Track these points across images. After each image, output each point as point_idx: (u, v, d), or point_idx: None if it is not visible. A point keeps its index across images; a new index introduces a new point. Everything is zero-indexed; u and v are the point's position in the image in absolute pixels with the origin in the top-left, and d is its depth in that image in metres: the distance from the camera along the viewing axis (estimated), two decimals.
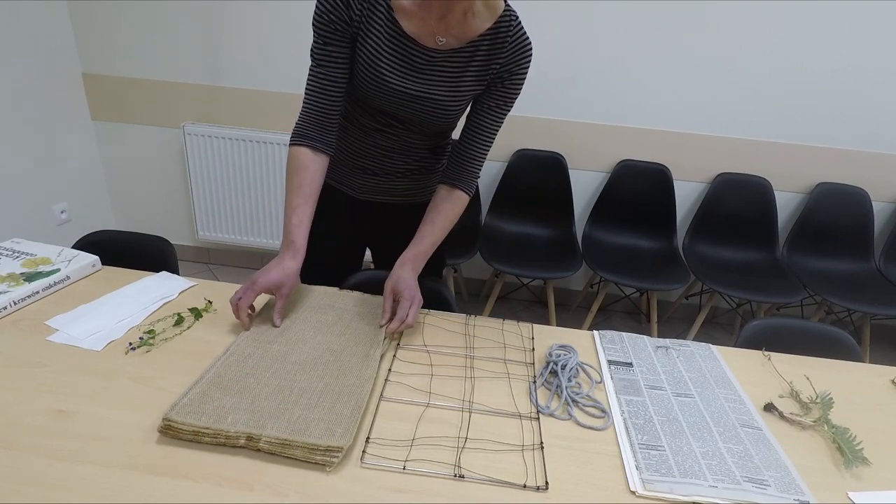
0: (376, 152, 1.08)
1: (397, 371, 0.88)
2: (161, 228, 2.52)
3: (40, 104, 2.18)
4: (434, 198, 1.07)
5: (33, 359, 0.82)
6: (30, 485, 0.61)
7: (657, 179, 2.27)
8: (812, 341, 1.15)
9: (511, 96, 1.01)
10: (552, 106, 2.23)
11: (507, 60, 0.97)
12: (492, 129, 1.03)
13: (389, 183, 1.12)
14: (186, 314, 0.97)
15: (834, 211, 2.24)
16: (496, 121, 1.02)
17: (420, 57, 0.94)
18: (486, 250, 2.09)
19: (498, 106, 1.01)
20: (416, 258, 1.02)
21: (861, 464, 0.77)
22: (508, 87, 0.99)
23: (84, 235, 1.28)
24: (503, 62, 0.97)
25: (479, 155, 1.04)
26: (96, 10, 2.21)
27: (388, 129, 1.04)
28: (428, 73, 0.96)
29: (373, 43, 0.93)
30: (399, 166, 1.10)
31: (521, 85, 1.00)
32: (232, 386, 0.77)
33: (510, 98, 1.01)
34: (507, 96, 1.00)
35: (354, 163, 1.11)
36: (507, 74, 0.98)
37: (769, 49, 2.06)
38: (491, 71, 0.97)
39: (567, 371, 0.89)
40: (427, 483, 0.67)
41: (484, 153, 1.05)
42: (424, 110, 0.98)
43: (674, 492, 0.69)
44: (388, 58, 0.94)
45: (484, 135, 1.03)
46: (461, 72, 0.97)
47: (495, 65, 0.97)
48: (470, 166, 1.04)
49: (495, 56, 0.96)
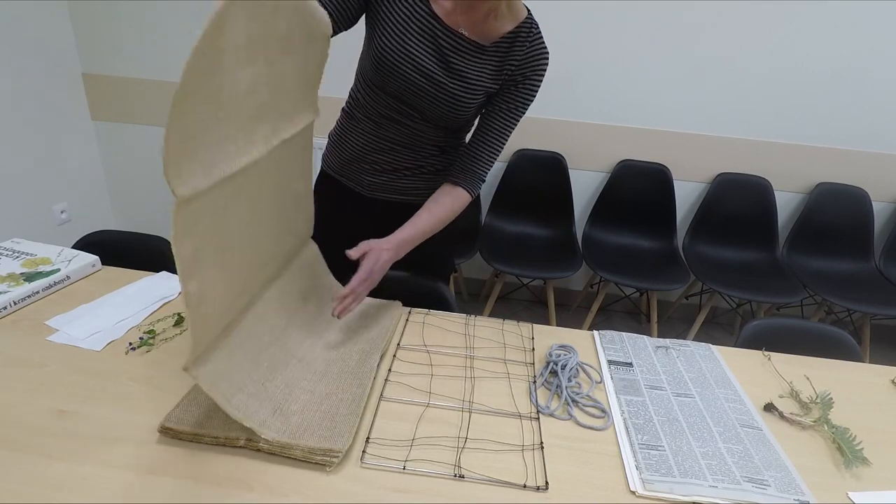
0: (385, 145, 1.07)
1: (397, 371, 0.88)
2: (161, 228, 2.51)
3: (40, 104, 2.18)
4: (437, 192, 1.07)
5: (33, 359, 0.82)
6: (30, 485, 0.61)
7: (657, 179, 2.27)
8: (812, 341, 1.15)
9: (523, 101, 1.01)
10: (552, 106, 2.22)
11: (522, 63, 0.97)
12: (502, 133, 1.03)
13: (398, 181, 1.12)
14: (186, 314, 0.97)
15: (834, 211, 2.24)
16: (507, 125, 1.02)
17: (445, 38, 0.95)
18: (487, 250, 2.09)
19: (510, 109, 1.01)
20: (400, 244, 0.99)
21: (861, 464, 0.77)
22: (521, 91, 1.00)
23: (84, 235, 1.28)
24: (518, 64, 0.97)
25: (488, 157, 1.04)
26: (96, 10, 2.21)
27: (400, 119, 1.03)
28: (449, 57, 0.96)
29: (400, 14, 0.94)
30: (408, 161, 1.10)
31: (534, 91, 1.01)
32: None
33: (522, 103, 1.01)
34: (520, 100, 1.01)
35: (364, 158, 1.10)
36: (521, 78, 0.98)
37: (769, 49, 2.06)
38: (506, 71, 0.98)
39: (567, 371, 0.89)
40: (427, 483, 0.67)
41: (492, 156, 1.05)
42: (438, 98, 0.98)
43: (674, 492, 0.69)
44: (414, 33, 0.94)
45: (493, 137, 1.03)
46: (479, 67, 0.97)
47: (510, 66, 0.98)
48: (476, 167, 1.05)
49: (511, 57, 0.97)
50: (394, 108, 1.02)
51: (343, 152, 1.13)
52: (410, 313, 1.06)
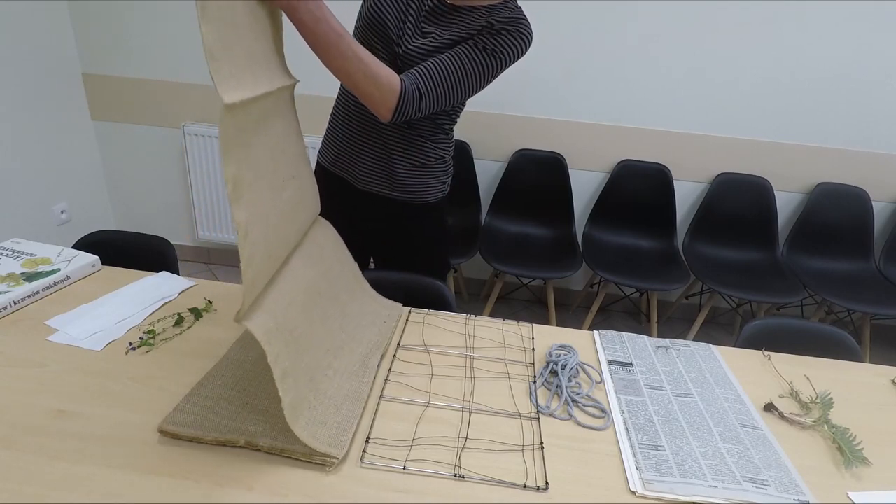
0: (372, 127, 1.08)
1: (397, 371, 0.88)
2: (161, 228, 2.52)
3: (40, 104, 2.18)
4: None
5: (33, 359, 0.82)
6: (30, 485, 0.61)
7: (657, 179, 2.27)
8: (812, 341, 1.15)
9: (492, 46, 0.94)
10: (552, 106, 2.23)
11: (501, 25, 0.96)
12: (457, 57, 0.94)
13: (390, 172, 1.12)
14: (186, 314, 0.97)
15: (834, 211, 2.24)
16: (466, 54, 0.94)
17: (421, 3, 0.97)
18: (487, 250, 2.09)
19: (476, 44, 0.95)
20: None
21: (861, 464, 0.77)
22: (491, 38, 0.95)
23: (84, 235, 1.28)
24: (496, 23, 0.96)
25: (433, 67, 0.94)
26: (96, 10, 2.21)
27: None
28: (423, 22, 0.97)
29: None
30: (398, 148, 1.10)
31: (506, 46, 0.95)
32: (230, 390, 0.77)
33: (491, 46, 0.95)
34: (488, 44, 0.95)
35: (354, 142, 1.11)
36: (496, 30, 0.95)
37: (769, 49, 2.06)
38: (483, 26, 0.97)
39: (567, 371, 0.89)
40: (427, 483, 0.67)
41: (438, 70, 0.94)
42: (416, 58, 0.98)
43: (674, 492, 0.69)
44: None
45: (447, 57, 0.94)
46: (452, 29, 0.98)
47: (488, 24, 0.97)
48: (418, 69, 0.94)
49: (490, 18, 0.97)
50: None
51: (337, 144, 1.13)
52: (410, 313, 1.06)
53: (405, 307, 1.08)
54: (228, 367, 0.82)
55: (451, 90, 0.96)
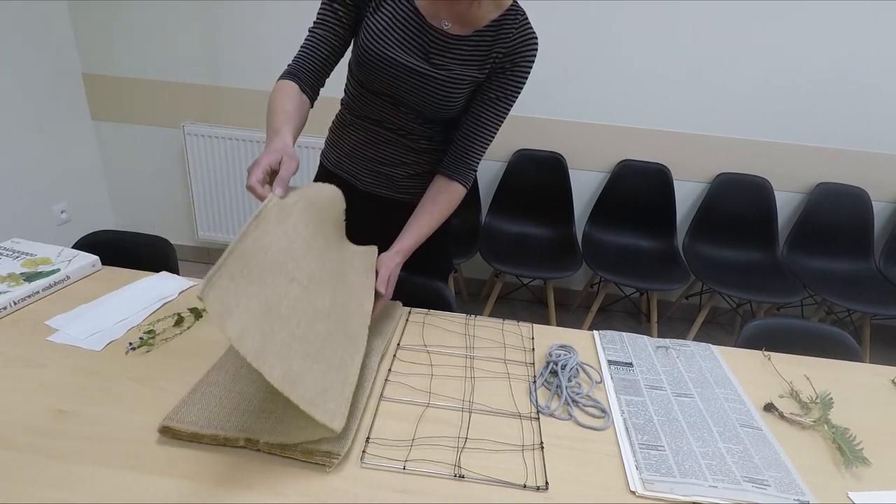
0: (378, 138, 1.08)
1: (397, 371, 0.88)
2: (161, 228, 2.52)
3: (40, 104, 2.18)
4: (431, 187, 1.06)
5: (33, 359, 0.82)
6: (30, 485, 0.61)
7: (657, 179, 2.27)
8: (812, 341, 1.15)
9: (513, 89, 1.00)
10: (552, 106, 2.23)
11: (511, 50, 0.97)
12: (491, 123, 1.02)
13: (395, 178, 1.12)
14: (186, 314, 0.97)
15: (834, 211, 2.24)
16: (496, 114, 1.02)
17: (426, 35, 0.95)
18: (487, 250, 2.09)
19: (498, 98, 1.00)
20: (406, 253, 1.01)
21: (861, 464, 0.77)
22: (510, 79, 0.99)
23: (84, 235, 1.28)
24: (506, 51, 0.97)
25: (479, 148, 1.04)
26: (96, 10, 2.21)
27: (389, 113, 1.03)
28: (432, 52, 0.97)
29: (384, 14, 0.94)
30: (403, 156, 1.10)
31: (523, 79, 1.00)
32: (230, 390, 0.77)
33: (511, 91, 1.00)
34: (509, 89, 1.00)
35: (359, 151, 1.11)
36: (510, 65, 0.98)
37: (769, 49, 2.06)
38: (493, 59, 0.98)
39: (567, 371, 0.89)
40: (427, 483, 0.67)
41: (483, 146, 1.04)
42: (423, 90, 0.98)
43: (674, 492, 0.69)
44: (397, 31, 0.95)
45: (483, 127, 1.02)
46: (463, 58, 0.97)
47: (498, 53, 0.97)
48: (468, 158, 1.04)
49: (498, 44, 0.97)
50: (382, 102, 1.02)
51: (340, 147, 1.13)
52: (410, 313, 1.06)
53: (405, 307, 1.08)
54: (228, 366, 0.82)
55: (488, 145, 1.07)
